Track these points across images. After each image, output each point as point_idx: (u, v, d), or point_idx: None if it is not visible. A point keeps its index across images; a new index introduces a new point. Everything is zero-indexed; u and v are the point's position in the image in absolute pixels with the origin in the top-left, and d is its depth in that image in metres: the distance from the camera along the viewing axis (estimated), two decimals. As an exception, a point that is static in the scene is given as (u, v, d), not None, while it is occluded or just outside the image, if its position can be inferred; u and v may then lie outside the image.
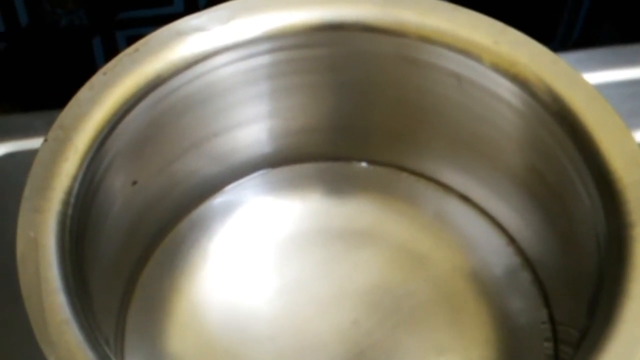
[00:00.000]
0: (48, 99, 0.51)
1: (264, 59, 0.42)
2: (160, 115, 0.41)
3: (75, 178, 0.36)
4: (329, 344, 0.43)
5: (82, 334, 0.32)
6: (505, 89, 0.40)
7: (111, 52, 0.57)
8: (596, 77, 0.55)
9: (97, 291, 0.38)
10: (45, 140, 0.37)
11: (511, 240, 0.46)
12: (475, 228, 0.47)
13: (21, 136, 0.50)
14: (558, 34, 0.68)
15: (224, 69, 0.41)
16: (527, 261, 0.45)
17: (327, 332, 0.43)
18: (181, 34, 0.40)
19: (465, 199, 0.48)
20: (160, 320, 0.43)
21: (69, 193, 0.36)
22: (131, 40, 0.41)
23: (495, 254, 0.46)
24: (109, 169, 0.39)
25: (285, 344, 0.43)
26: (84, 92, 0.38)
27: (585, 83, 0.39)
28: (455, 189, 0.48)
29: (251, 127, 0.45)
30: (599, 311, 0.34)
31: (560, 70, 0.39)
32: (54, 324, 0.32)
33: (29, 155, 0.37)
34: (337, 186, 0.48)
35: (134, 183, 0.42)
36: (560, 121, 0.38)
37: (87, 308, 0.34)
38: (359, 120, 0.46)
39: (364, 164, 0.49)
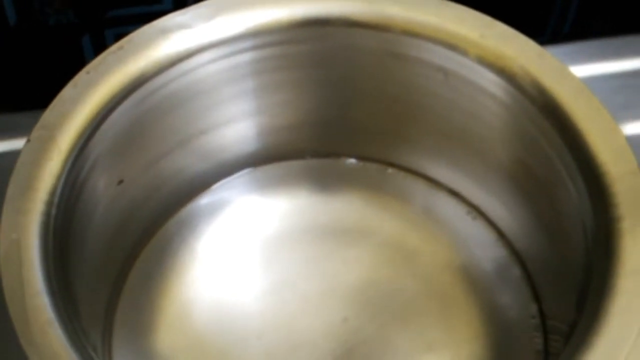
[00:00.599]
0: (37, 98, 0.49)
1: (248, 56, 0.42)
2: (144, 113, 0.40)
3: (58, 178, 0.36)
4: (319, 341, 0.43)
5: (66, 334, 0.32)
6: (492, 83, 0.40)
7: (101, 50, 0.56)
8: (585, 69, 0.54)
9: (82, 292, 0.37)
10: (28, 141, 0.37)
11: (500, 234, 0.46)
12: (463, 223, 0.47)
13: (7, 136, 0.50)
14: (549, 28, 0.67)
15: (208, 67, 0.41)
16: (516, 255, 0.45)
17: (317, 329, 0.43)
18: (165, 32, 0.40)
19: (454, 193, 0.47)
20: (148, 321, 0.43)
21: (52, 193, 0.35)
22: (120, 38, 0.40)
23: (485, 248, 0.46)
24: (93, 168, 0.38)
25: (275, 342, 0.43)
26: (67, 91, 0.38)
27: (572, 76, 0.38)
28: (444, 184, 0.48)
29: (237, 124, 0.45)
30: (587, 305, 0.33)
31: (547, 63, 0.39)
32: (37, 325, 0.32)
33: (15, 156, 0.37)
34: (325, 183, 0.48)
35: (120, 182, 0.41)
36: (547, 114, 0.38)
37: (72, 309, 0.34)
38: (345, 116, 0.46)
39: (351, 160, 0.49)
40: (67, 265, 0.36)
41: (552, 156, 0.39)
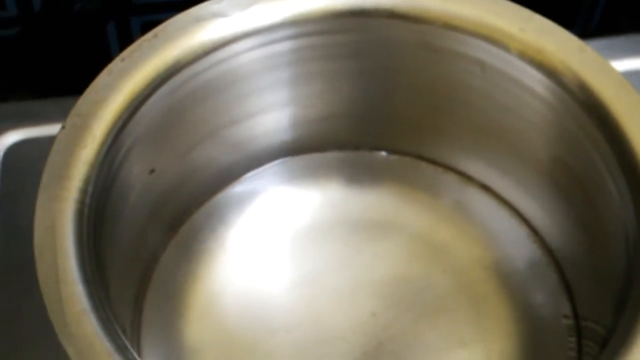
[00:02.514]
0: (62, 85, 0.50)
1: (285, 46, 0.41)
2: (178, 102, 0.40)
3: (93, 166, 0.36)
4: (347, 336, 0.43)
5: (101, 324, 0.32)
6: (531, 78, 0.40)
7: (125, 37, 0.56)
8: (618, 65, 0.53)
9: (114, 280, 0.37)
10: (63, 128, 0.36)
11: (533, 231, 0.46)
12: (496, 219, 0.46)
13: (35, 123, 0.50)
14: (577, 22, 0.66)
15: (243, 56, 0.41)
16: (550, 253, 0.45)
17: (345, 324, 0.43)
18: (200, 20, 0.39)
19: (486, 189, 0.47)
20: (177, 310, 0.43)
21: (86, 181, 0.35)
22: (145, 26, 0.40)
23: (517, 245, 0.45)
24: (127, 156, 0.38)
25: (303, 335, 0.43)
26: (102, 78, 0.38)
27: (614, 72, 0.38)
28: (477, 179, 0.47)
29: (270, 114, 0.45)
30: (627, 310, 0.33)
31: (588, 58, 0.38)
32: (72, 314, 0.32)
33: (43, 142, 0.37)
34: (357, 176, 0.48)
35: (152, 171, 0.41)
36: (589, 112, 0.37)
37: (105, 298, 0.34)
38: (379, 108, 0.46)
39: (384, 153, 0.48)
40: (100, 253, 0.35)
41: (593, 155, 0.38)
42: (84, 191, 0.35)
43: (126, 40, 0.54)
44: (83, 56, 0.58)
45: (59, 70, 0.59)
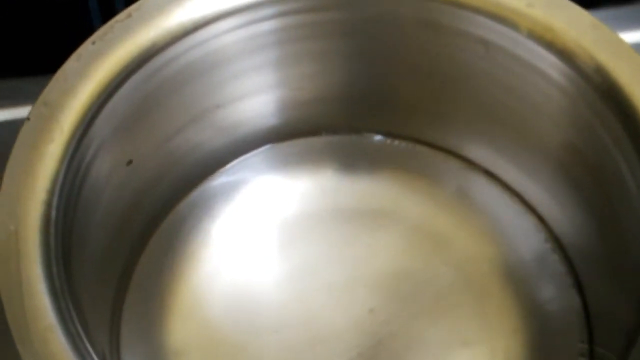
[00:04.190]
0: (41, 63, 0.46)
1: (271, 24, 0.39)
2: (156, 88, 0.38)
3: (61, 161, 0.34)
4: (343, 334, 0.41)
5: (69, 341, 0.30)
6: (540, 58, 0.37)
7: (109, 10, 0.54)
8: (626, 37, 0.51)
9: (87, 286, 0.35)
10: (28, 119, 0.34)
11: (541, 221, 0.44)
12: (501, 207, 0.45)
13: (10, 103, 0.49)
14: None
15: (226, 36, 0.39)
16: (559, 244, 0.43)
17: (341, 321, 0.41)
18: (179, -3, 0.38)
19: (490, 175, 0.45)
20: (158, 313, 0.41)
21: (54, 180, 0.33)
22: (131, 1, 0.38)
23: (523, 236, 0.44)
24: (99, 149, 0.36)
25: (295, 334, 0.41)
26: (70, 64, 0.36)
27: (632, 52, 0.36)
28: (480, 165, 0.45)
29: (256, 98, 0.43)
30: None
31: (603, 36, 0.36)
32: (37, 331, 0.30)
33: (18, 125, 0.35)
34: (351, 161, 0.46)
35: (129, 163, 0.39)
36: (604, 96, 0.35)
37: (75, 309, 0.32)
38: (374, 89, 0.44)
39: (379, 137, 0.46)
40: (70, 258, 0.33)
41: (607, 142, 0.36)
42: (50, 191, 0.33)
43: (109, 14, 0.52)
44: (64, 32, 0.56)
45: (39, 48, 0.57)
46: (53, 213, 0.32)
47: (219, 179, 0.45)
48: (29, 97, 0.46)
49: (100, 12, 0.56)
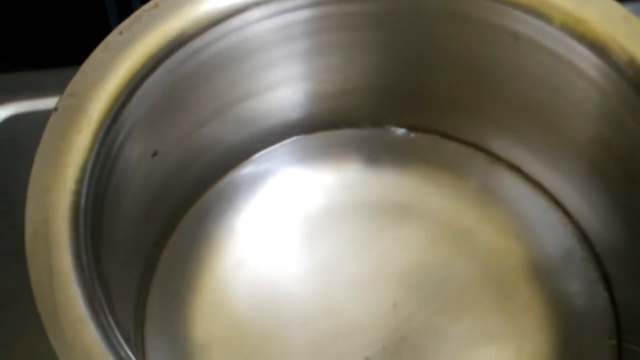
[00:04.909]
0: (58, 55, 0.48)
1: (300, 15, 0.39)
2: (183, 78, 0.38)
3: (89, 152, 0.33)
4: (367, 329, 0.41)
5: (100, 332, 0.30)
6: (571, 50, 0.37)
7: (124, 5, 0.54)
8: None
9: (114, 275, 0.35)
10: (56, 110, 0.34)
11: (567, 216, 0.43)
12: (527, 202, 0.44)
13: (32, 95, 0.48)
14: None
15: (255, 26, 0.38)
16: (586, 240, 0.42)
17: (364, 316, 0.41)
18: (206, -13, 0.37)
19: (516, 169, 0.45)
20: (183, 304, 0.41)
21: (83, 169, 0.33)
22: None
23: (549, 230, 0.43)
24: (126, 140, 0.36)
25: (319, 328, 0.41)
26: (98, 54, 0.35)
27: None
28: (505, 159, 0.45)
29: (283, 90, 0.43)
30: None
31: (634, 29, 0.36)
32: (68, 322, 0.30)
33: (41, 116, 0.34)
34: (376, 155, 0.46)
35: (154, 154, 0.39)
36: (636, 89, 0.35)
37: (104, 301, 0.31)
38: (401, 82, 0.43)
39: (405, 131, 0.46)
40: (99, 247, 0.33)
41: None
42: (80, 181, 0.33)
43: (125, 8, 0.52)
44: (80, 24, 0.56)
45: (55, 40, 0.57)
46: (82, 202, 0.32)
47: (244, 171, 0.45)
48: (44, 90, 0.47)
49: (116, 8, 0.56)
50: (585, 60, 0.36)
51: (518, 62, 0.39)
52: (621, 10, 0.36)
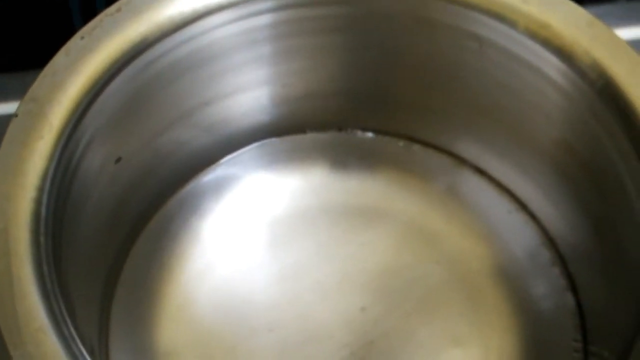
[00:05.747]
0: (19, 58, 0.49)
1: (264, 19, 0.39)
2: (146, 83, 0.37)
3: (50, 159, 0.33)
4: (335, 333, 0.41)
5: (61, 344, 0.29)
6: (535, 54, 0.37)
7: (89, 5, 0.53)
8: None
9: (76, 284, 0.34)
10: (16, 116, 0.33)
11: (533, 218, 0.43)
12: (493, 205, 0.44)
13: None
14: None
15: (218, 31, 0.38)
16: (551, 242, 0.43)
17: (333, 320, 0.41)
18: (169, -9, 0.37)
19: (482, 173, 0.45)
20: (148, 312, 0.41)
21: (43, 177, 0.32)
22: None
23: (515, 233, 0.43)
24: (89, 146, 0.35)
25: (287, 334, 0.41)
26: (59, 59, 0.35)
27: (629, 50, 0.35)
28: (471, 162, 0.45)
29: (247, 94, 0.42)
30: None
31: (599, 33, 0.36)
32: (29, 332, 0.29)
33: (0, 122, 0.35)
34: (342, 159, 0.46)
35: (118, 160, 0.38)
36: (601, 94, 0.35)
37: (67, 310, 0.31)
38: (367, 86, 0.43)
39: (371, 135, 0.46)
40: (60, 256, 0.33)
41: (604, 141, 0.36)
42: (40, 188, 0.32)
43: (90, 8, 0.51)
44: (43, 26, 0.55)
45: (17, 43, 0.56)
46: (43, 211, 0.32)
47: (209, 177, 0.44)
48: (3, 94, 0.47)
49: (79, 6, 0.55)
50: (550, 65, 0.36)
51: (483, 66, 0.39)
52: (585, 15, 0.36)
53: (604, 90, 0.35)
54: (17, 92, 0.35)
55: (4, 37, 0.56)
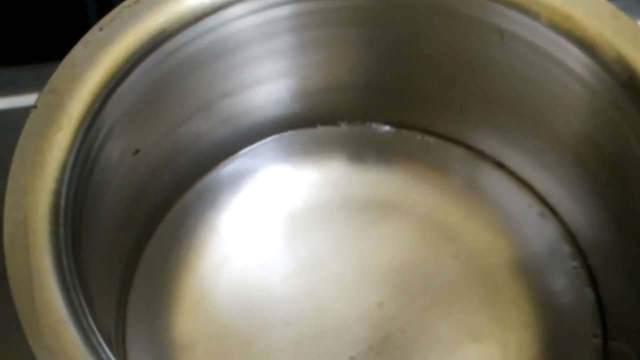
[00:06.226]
0: (36, 51, 0.48)
1: (285, 10, 0.38)
2: (164, 75, 0.37)
3: (69, 151, 0.33)
4: (352, 327, 0.40)
5: (80, 335, 0.29)
6: (558, 47, 0.37)
7: (104, 1, 0.53)
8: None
9: (95, 276, 0.34)
10: (35, 107, 0.33)
11: (552, 212, 0.43)
12: (512, 198, 0.44)
13: (10, 92, 0.47)
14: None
15: (238, 22, 0.38)
16: (571, 236, 0.42)
17: (350, 315, 0.41)
18: (189, -18, 0.37)
19: (500, 166, 0.44)
20: (165, 304, 0.40)
21: (62, 169, 0.32)
22: None
23: (534, 227, 0.43)
24: (107, 138, 0.35)
25: (304, 328, 0.40)
26: (78, 51, 0.34)
27: None
28: (490, 155, 0.45)
29: (267, 86, 0.42)
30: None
31: (623, 26, 0.35)
32: (48, 325, 0.29)
33: (14, 115, 0.33)
34: (361, 152, 0.45)
35: (136, 152, 0.38)
36: (624, 86, 0.35)
37: (85, 303, 0.30)
38: (387, 79, 0.43)
39: (390, 128, 0.46)
40: (79, 248, 0.32)
41: (628, 136, 0.35)
42: (59, 180, 0.32)
43: (105, 3, 0.51)
44: (59, 19, 0.55)
45: (32, 37, 0.56)
46: (62, 202, 0.31)
47: (226, 169, 0.44)
48: (20, 87, 0.47)
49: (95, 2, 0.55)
50: (573, 57, 0.36)
51: (504, 58, 0.39)
52: (609, 6, 0.36)
53: (627, 83, 0.34)
54: (32, 85, 0.35)
55: (20, 30, 0.56)
